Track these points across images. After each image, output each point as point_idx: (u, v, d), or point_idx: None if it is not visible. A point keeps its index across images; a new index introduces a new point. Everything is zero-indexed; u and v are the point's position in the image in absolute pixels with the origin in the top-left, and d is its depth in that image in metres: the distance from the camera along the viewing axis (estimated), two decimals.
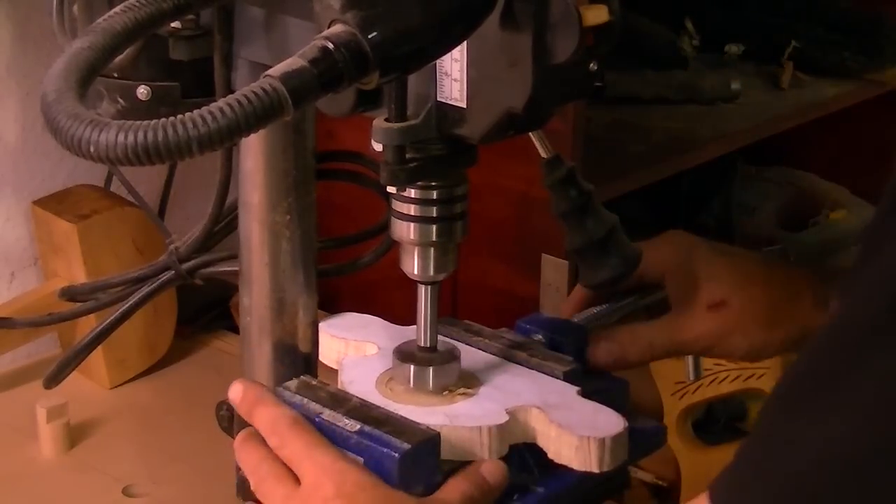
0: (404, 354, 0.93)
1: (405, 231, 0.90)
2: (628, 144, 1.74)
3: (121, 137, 0.62)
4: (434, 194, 0.88)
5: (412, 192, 0.88)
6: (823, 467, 0.62)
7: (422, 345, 0.93)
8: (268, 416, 0.88)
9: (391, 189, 0.88)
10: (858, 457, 0.61)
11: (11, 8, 1.43)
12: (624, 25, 0.77)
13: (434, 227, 0.89)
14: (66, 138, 0.64)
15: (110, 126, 0.63)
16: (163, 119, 0.63)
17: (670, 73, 1.93)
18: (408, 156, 0.82)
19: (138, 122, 0.63)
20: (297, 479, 0.85)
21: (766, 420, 0.68)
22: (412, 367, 0.92)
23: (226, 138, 0.63)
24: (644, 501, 1.51)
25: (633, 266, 0.97)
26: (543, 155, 0.93)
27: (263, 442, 0.88)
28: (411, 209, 0.89)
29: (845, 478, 0.61)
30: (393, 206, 0.90)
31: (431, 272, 0.91)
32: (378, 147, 0.82)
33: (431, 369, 0.92)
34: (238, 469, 0.91)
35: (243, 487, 0.90)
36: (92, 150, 0.63)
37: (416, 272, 0.91)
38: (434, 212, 0.89)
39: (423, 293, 0.92)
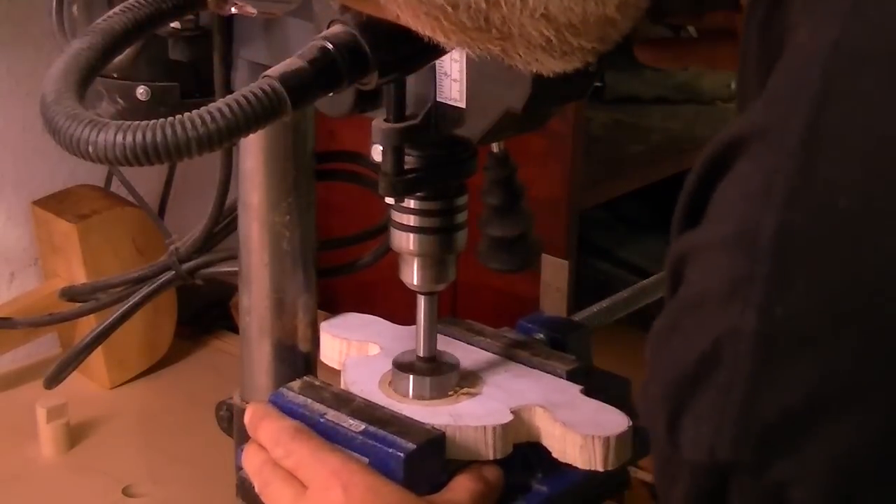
0: (403, 365, 0.93)
1: (404, 242, 0.89)
2: (628, 144, 1.75)
3: (119, 138, 0.62)
4: (434, 205, 0.88)
5: (411, 203, 0.88)
6: None
7: (421, 355, 0.93)
8: (270, 430, 0.88)
9: (390, 200, 0.87)
10: None
11: (11, 8, 1.43)
12: None
13: (433, 238, 0.89)
14: (64, 139, 0.63)
15: (109, 126, 0.63)
16: (161, 119, 0.63)
17: (670, 73, 1.93)
18: (406, 167, 0.82)
19: (137, 123, 0.63)
20: (303, 483, 0.85)
21: None
22: (411, 377, 0.92)
23: (225, 139, 0.63)
24: (644, 501, 1.51)
25: (525, 268, 0.97)
26: (494, 150, 0.93)
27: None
28: (411, 220, 0.88)
29: None
30: (392, 217, 0.89)
31: (430, 283, 0.91)
32: (378, 156, 0.82)
33: (430, 379, 0.92)
34: (238, 469, 0.91)
35: (243, 487, 0.90)
36: (91, 150, 0.63)
37: (415, 283, 0.91)
38: (433, 223, 0.88)
39: (422, 304, 0.92)
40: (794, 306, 0.47)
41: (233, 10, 0.82)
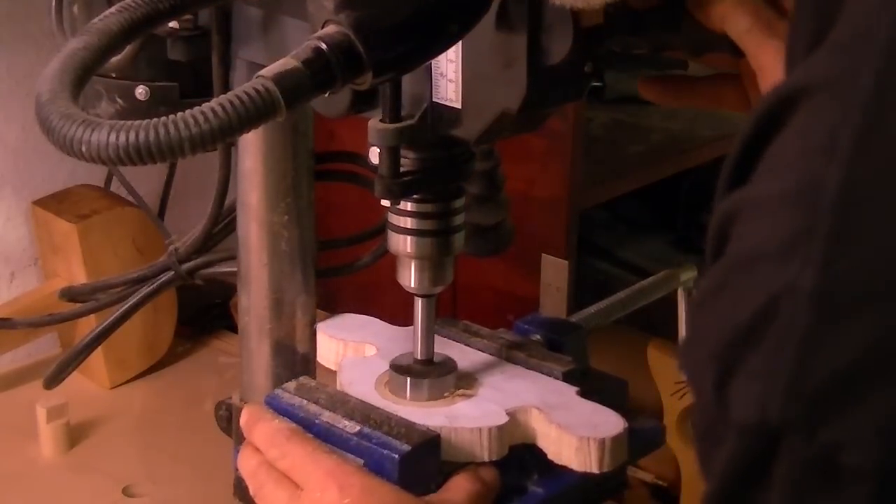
0: (401, 367, 0.93)
1: (401, 244, 0.89)
2: (628, 144, 1.74)
3: (113, 137, 0.62)
4: (431, 207, 0.88)
5: (408, 206, 0.88)
6: None
7: (418, 357, 0.93)
8: (265, 431, 0.88)
9: (386, 202, 0.87)
10: None
11: (11, 8, 1.43)
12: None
13: (431, 241, 0.89)
14: (58, 138, 0.64)
15: (102, 126, 0.63)
16: (155, 119, 0.63)
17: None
18: (402, 169, 0.82)
19: (131, 122, 0.63)
20: (297, 485, 0.85)
21: None
22: (408, 379, 0.92)
23: (218, 138, 0.63)
24: (644, 501, 1.51)
25: (497, 254, 0.99)
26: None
27: None
28: (408, 222, 0.88)
29: None
30: (389, 219, 0.89)
31: (428, 285, 0.91)
32: (376, 158, 0.82)
33: (427, 381, 0.92)
34: (235, 469, 0.91)
35: (240, 488, 0.90)
36: (84, 149, 0.63)
37: (412, 285, 0.91)
38: (431, 225, 0.88)
39: (420, 306, 0.92)
40: (855, 263, 0.46)
41: None
